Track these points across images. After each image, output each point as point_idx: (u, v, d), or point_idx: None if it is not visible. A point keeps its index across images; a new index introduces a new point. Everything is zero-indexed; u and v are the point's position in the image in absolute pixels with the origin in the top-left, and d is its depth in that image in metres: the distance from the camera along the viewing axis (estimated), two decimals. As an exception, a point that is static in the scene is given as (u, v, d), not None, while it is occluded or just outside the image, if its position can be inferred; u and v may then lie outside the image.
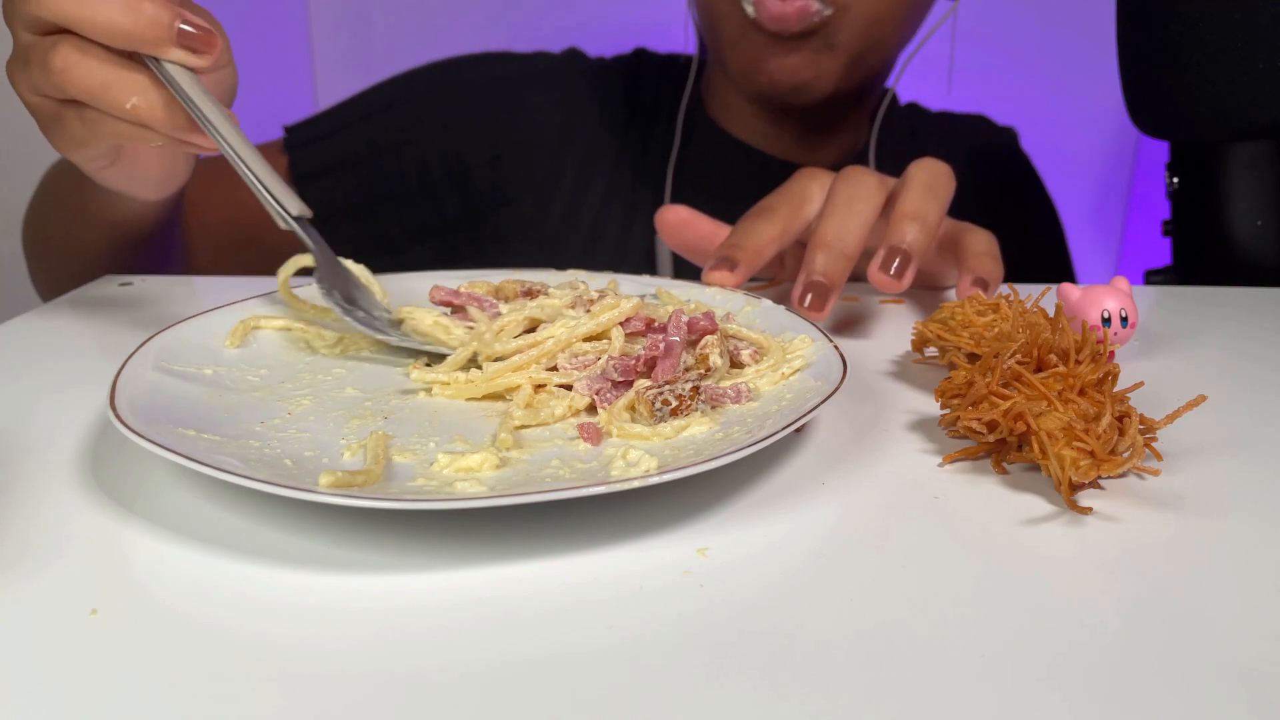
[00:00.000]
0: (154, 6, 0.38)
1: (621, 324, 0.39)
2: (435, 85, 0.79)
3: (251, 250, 0.71)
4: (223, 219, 0.73)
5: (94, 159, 0.46)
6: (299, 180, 0.76)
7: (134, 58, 0.40)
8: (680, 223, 0.54)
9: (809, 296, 0.45)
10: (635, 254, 0.75)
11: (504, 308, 0.42)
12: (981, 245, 0.51)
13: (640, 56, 0.84)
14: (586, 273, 0.49)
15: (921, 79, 0.88)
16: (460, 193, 0.77)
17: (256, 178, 0.41)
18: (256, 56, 1.16)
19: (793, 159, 0.77)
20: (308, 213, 0.42)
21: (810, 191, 0.51)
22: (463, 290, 0.44)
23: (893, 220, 0.47)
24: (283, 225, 0.42)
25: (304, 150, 0.77)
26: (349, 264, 0.44)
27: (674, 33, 0.81)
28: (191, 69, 0.40)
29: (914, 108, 0.85)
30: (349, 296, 0.43)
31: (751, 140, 0.77)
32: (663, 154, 0.77)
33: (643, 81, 0.81)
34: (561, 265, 0.53)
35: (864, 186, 0.48)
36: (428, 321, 0.42)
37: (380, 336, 0.41)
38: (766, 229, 0.49)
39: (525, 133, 0.77)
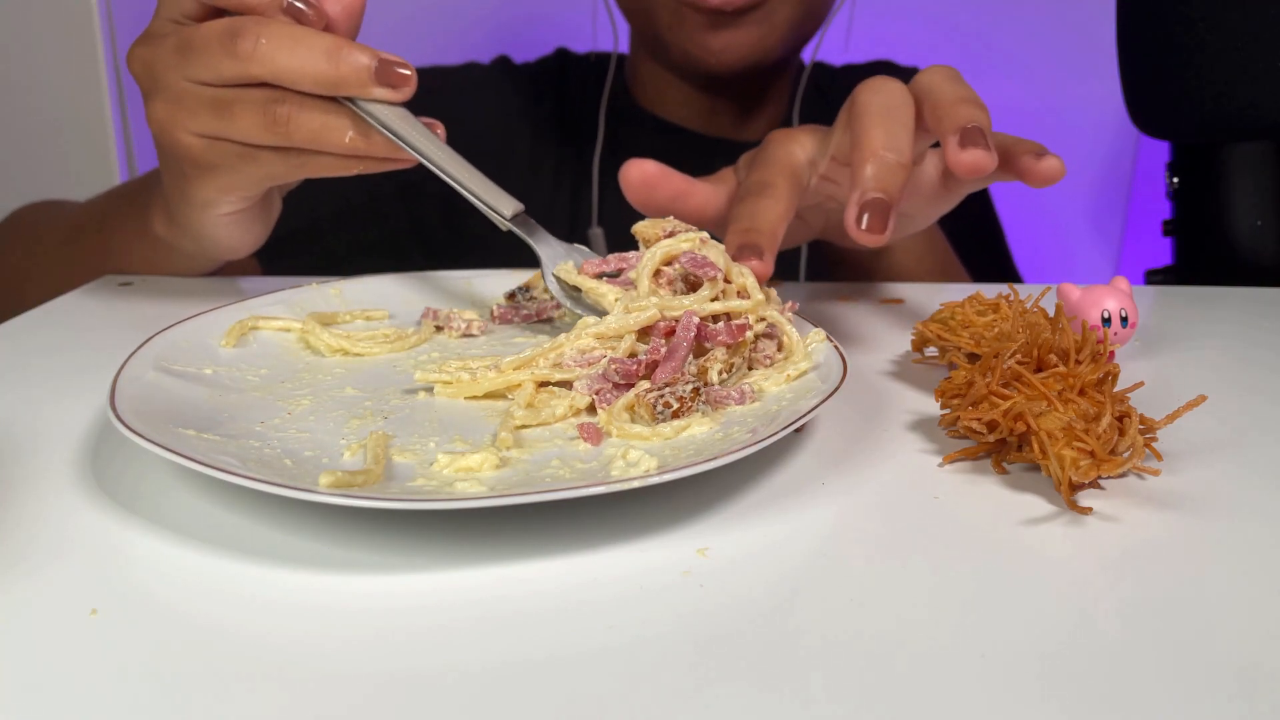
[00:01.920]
0: (353, 52, 0.41)
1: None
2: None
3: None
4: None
5: (237, 202, 0.47)
6: None
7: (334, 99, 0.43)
8: (646, 180, 0.48)
9: (865, 217, 0.39)
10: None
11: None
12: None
13: (563, 56, 0.85)
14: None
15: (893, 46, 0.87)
16: (408, 207, 0.77)
17: (467, 188, 0.44)
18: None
19: (724, 135, 0.78)
20: (521, 208, 0.44)
21: (794, 154, 0.47)
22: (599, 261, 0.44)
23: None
24: (503, 227, 0.44)
25: None
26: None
27: (601, 28, 0.82)
28: (391, 103, 0.43)
29: (819, 66, 0.86)
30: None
31: (683, 122, 0.78)
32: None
33: (570, 80, 0.82)
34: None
35: (894, 93, 0.43)
36: (610, 299, 0.41)
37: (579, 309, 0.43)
38: (773, 206, 0.44)
39: (466, 143, 0.77)
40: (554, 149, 0.80)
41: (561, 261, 0.44)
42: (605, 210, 0.78)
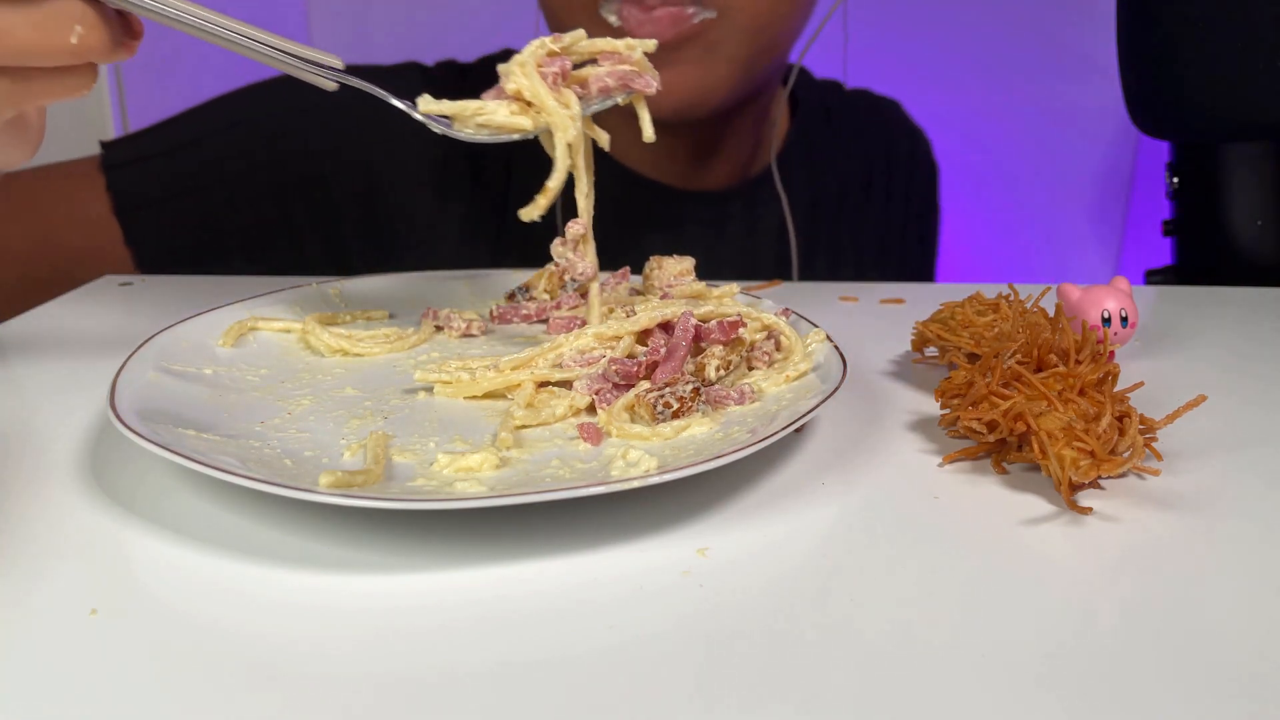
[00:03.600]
0: None
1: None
2: (291, 104, 0.68)
3: (62, 284, 0.60)
4: (26, 248, 0.64)
5: None
6: (126, 211, 0.65)
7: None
8: None
9: None
10: None
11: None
12: None
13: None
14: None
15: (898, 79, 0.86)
16: (325, 231, 0.68)
17: (284, 51, 0.36)
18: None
19: (685, 184, 0.71)
20: (341, 63, 0.38)
21: None
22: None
23: None
24: (329, 87, 0.38)
25: (128, 173, 0.65)
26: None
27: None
28: None
29: (831, 84, 0.81)
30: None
31: (640, 168, 0.70)
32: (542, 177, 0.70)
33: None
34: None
35: None
36: (503, 111, 0.39)
37: (468, 137, 0.39)
38: None
39: (400, 163, 0.66)
40: (498, 181, 0.69)
41: (417, 97, 0.40)
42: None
